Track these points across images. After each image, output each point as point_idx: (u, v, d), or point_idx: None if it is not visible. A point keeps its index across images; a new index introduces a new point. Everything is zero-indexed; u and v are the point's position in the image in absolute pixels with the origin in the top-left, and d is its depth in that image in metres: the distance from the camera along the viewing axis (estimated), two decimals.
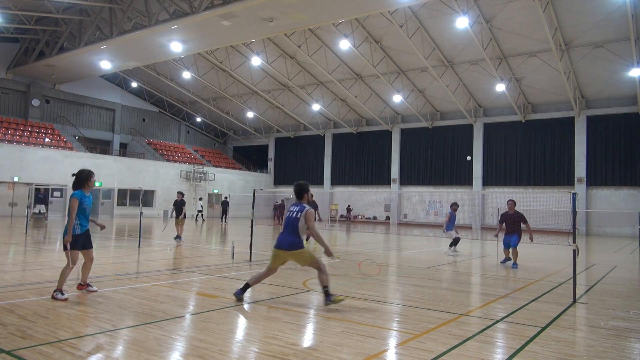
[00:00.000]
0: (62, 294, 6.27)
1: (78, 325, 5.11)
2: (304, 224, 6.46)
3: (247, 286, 6.61)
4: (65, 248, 6.32)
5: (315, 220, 6.83)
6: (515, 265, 11.44)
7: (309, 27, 25.70)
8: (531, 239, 11.48)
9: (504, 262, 11.91)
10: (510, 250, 11.60)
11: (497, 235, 12.21)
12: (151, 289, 7.25)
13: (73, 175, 6.64)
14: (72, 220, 6.33)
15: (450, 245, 14.28)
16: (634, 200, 29.34)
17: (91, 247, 6.67)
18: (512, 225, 11.65)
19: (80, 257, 6.58)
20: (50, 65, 31.22)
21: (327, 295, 6.39)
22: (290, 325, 5.41)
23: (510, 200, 11.91)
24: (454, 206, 14.50)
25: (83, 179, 6.53)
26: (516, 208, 11.95)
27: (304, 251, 6.52)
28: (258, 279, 6.76)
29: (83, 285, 6.76)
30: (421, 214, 37.20)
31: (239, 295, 6.53)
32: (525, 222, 11.59)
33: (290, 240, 6.50)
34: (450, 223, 14.34)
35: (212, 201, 40.07)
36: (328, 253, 6.61)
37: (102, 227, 7.18)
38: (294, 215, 6.54)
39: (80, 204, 6.41)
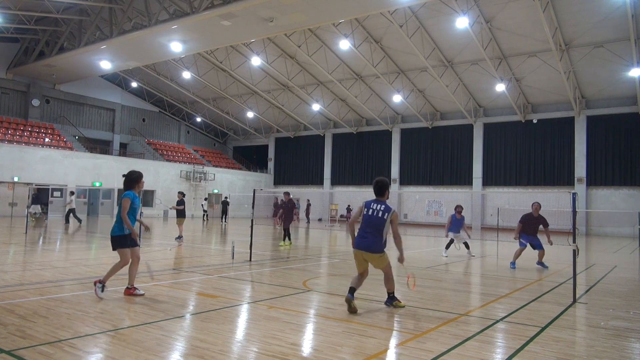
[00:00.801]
0: (102, 291, 6.44)
1: (78, 325, 5.11)
2: (389, 227, 6.16)
3: (353, 289, 6.21)
4: (115, 247, 6.55)
5: (292, 220, 6.79)
6: (539, 263, 11.64)
7: (309, 27, 25.71)
8: (550, 242, 11.30)
9: (514, 266, 11.57)
10: (538, 252, 11.60)
11: (516, 238, 11.91)
12: (151, 289, 7.24)
13: (123, 176, 6.72)
14: (125, 220, 6.47)
15: (447, 247, 14.05)
16: (634, 200, 29.34)
17: (137, 245, 6.79)
18: (533, 228, 11.60)
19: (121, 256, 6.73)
20: (50, 65, 31.22)
21: (390, 297, 6.44)
22: (290, 325, 5.41)
23: (536, 202, 11.72)
24: (458, 209, 14.23)
25: (134, 179, 6.67)
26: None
27: (384, 255, 6.26)
28: (358, 282, 6.36)
29: (130, 289, 6.69)
30: (421, 214, 37.20)
31: (352, 297, 6.11)
32: (546, 226, 11.53)
33: (372, 241, 6.17)
34: (452, 225, 14.09)
35: (212, 201, 40.07)
36: (402, 259, 6.29)
37: (147, 228, 7.28)
38: (379, 215, 6.18)
39: (131, 203, 6.55)
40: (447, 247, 13.96)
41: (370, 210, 6.25)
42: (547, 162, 32.58)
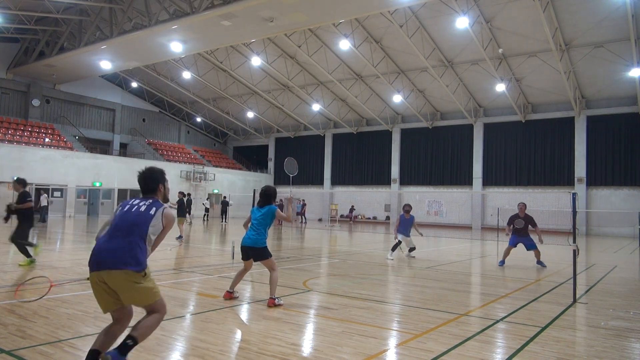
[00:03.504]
0: (280, 300, 6.48)
1: (78, 325, 5.11)
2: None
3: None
4: (269, 256, 6.60)
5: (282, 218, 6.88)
6: (538, 262, 11.67)
7: (309, 27, 25.70)
8: (541, 241, 11.58)
9: (502, 264, 11.74)
10: (533, 252, 11.70)
11: (508, 234, 12.14)
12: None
13: (264, 193, 6.78)
14: (287, 217, 6.89)
15: (393, 249, 12.98)
16: (634, 200, 29.34)
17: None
18: (522, 228, 11.73)
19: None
20: (50, 65, 31.22)
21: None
22: (290, 325, 5.41)
23: (521, 203, 11.91)
24: (406, 207, 13.29)
25: (272, 194, 6.82)
26: (516, 208, 12.01)
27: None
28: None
29: (231, 293, 6.75)
30: (421, 214, 37.09)
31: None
32: (535, 225, 11.70)
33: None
34: (401, 226, 13.12)
35: (212, 201, 40.09)
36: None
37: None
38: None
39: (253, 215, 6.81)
40: (394, 249, 12.96)
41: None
42: (547, 162, 32.58)
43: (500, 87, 29.70)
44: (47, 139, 32.97)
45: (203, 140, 48.08)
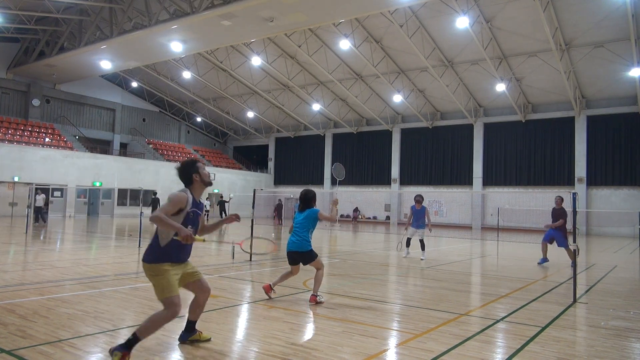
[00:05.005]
0: (322, 298, 6.68)
1: (78, 325, 5.11)
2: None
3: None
4: (315, 257, 6.70)
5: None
6: (572, 263, 11.57)
7: (309, 27, 25.70)
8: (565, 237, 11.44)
9: (542, 262, 11.62)
10: (566, 251, 11.59)
11: (545, 229, 12.07)
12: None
13: (303, 197, 7.00)
14: (333, 217, 7.23)
15: (407, 245, 12.86)
16: (634, 200, 29.34)
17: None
18: (555, 220, 11.68)
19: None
20: (50, 65, 31.22)
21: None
22: (290, 325, 5.41)
23: (558, 195, 11.86)
24: (417, 198, 12.59)
25: (312, 197, 7.02)
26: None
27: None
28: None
29: (271, 288, 6.89)
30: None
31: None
32: (565, 217, 11.56)
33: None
34: (414, 218, 12.60)
35: (212, 201, 40.09)
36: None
37: None
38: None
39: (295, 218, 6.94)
40: (408, 244, 12.82)
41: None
42: (547, 162, 32.58)
43: (500, 87, 29.69)
44: (47, 139, 32.98)
45: (203, 140, 48.08)
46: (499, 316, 6.20)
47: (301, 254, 6.67)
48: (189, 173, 4.51)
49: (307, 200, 6.91)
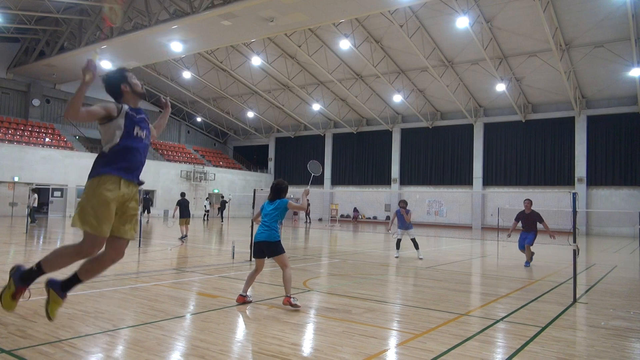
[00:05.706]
0: (297, 300, 6.26)
1: (78, 324, 5.11)
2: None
3: None
4: (282, 251, 6.50)
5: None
6: (527, 263, 11.55)
7: (309, 27, 25.70)
8: (553, 236, 11.45)
9: (527, 264, 11.62)
10: (525, 247, 11.63)
11: (509, 235, 12.10)
12: (151, 289, 7.25)
13: (275, 187, 6.68)
14: (301, 206, 6.78)
15: (397, 247, 13.09)
16: (634, 200, 29.35)
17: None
18: (529, 224, 11.70)
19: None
20: (50, 65, 31.24)
21: None
22: (290, 325, 5.41)
23: (527, 199, 11.90)
24: (401, 204, 13.03)
25: (283, 188, 6.73)
26: (516, 208, 12.01)
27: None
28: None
29: (244, 297, 6.50)
30: (421, 214, 37.17)
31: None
32: (542, 221, 11.65)
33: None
34: (399, 222, 12.97)
35: (212, 201, 40.11)
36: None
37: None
38: None
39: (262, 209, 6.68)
40: (398, 246, 13.05)
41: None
42: (547, 162, 32.59)
43: (501, 87, 29.70)
44: (47, 139, 32.98)
45: (203, 140, 48.07)
46: (499, 316, 6.20)
47: (270, 245, 6.41)
48: (116, 84, 3.83)
49: (278, 191, 6.65)
